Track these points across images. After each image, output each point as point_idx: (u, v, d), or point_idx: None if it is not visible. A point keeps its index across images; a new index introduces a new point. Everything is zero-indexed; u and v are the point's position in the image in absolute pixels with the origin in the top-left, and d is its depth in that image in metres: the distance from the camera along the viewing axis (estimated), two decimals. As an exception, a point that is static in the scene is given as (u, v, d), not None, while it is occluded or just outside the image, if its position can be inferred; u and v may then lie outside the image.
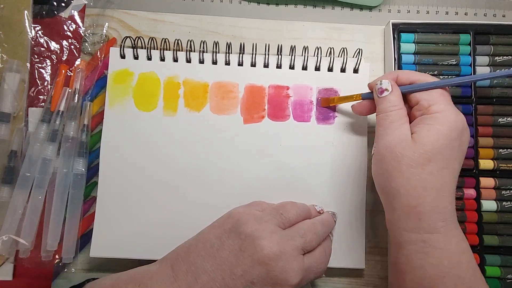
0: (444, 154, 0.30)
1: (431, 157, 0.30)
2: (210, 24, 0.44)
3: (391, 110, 0.33)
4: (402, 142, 0.31)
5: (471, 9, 0.46)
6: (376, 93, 0.34)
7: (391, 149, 0.31)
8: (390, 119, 0.32)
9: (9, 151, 0.39)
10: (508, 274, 0.39)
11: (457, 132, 0.31)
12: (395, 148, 0.31)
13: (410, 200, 0.30)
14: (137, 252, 0.38)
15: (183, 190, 0.39)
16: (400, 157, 0.30)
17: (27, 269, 0.39)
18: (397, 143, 0.31)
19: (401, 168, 0.30)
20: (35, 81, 0.42)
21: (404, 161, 0.30)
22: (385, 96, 0.33)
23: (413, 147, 0.30)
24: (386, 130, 0.32)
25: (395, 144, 0.31)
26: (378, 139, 0.33)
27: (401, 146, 0.31)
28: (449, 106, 0.32)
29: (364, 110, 0.37)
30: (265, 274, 0.29)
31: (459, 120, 0.31)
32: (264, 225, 0.32)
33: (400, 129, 0.32)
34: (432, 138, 0.30)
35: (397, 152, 0.31)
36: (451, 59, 0.41)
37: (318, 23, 0.45)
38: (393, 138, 0.31)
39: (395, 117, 0.32)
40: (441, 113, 0.31)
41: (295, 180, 0.40)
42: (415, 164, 0.30)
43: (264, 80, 0.41)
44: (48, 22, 0.43)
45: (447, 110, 0.31)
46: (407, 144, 0.31)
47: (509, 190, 0.40)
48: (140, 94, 0.40)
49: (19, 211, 0.38)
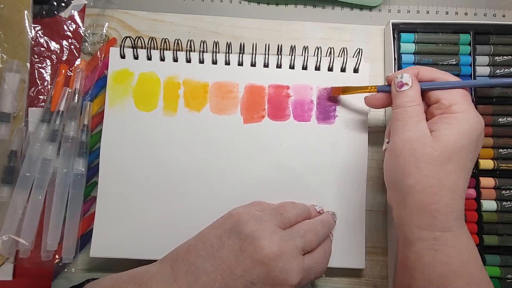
0: (463, 155, 0.30)
1: (451, 156, 0.30)
2: (210, 24, 0.44)
3: (410, 106, 0.32)
4: (422, 139, 0.30)
5: (471, 9, 0.46)
6: (395, 86, 0.33)
7: (410, 145, 0.31)
8: (408, 114, 0.32)
9: (9, 151, 0.39)
10: (508, 274, 0.39)
11: (477, 134, 0.31)
12: (414, 144, 0.30)
13: (425, 198, 0.30)
14: (137, 252, 0.38)
15: (183, 190, 0.39)
16: (420, 154, 0.30)
17: (27, 269, 0.39)
18: (416, 139, 0.31)
19: (419, 165, 0.30)
20: (35, 81, 0.42)
21: (423, 158, 0.30)
22: (404, 90, 0.33)
23: (434, 145, 0.30)
24: (404, 125, 0.32)
25: (414, 140, 0.31)
26: (395, 133, 0.32)
27: (421, 143, 0.30)
28: (471, 107, 0.31)
29: (378, 103, 0.36)
30: (265, 274, 0.29)
31: (479, 122, 0.31)
32: (264, 225, 0.32)
33: (419, 125, 0.31)
34: (454, 138, 0.30)
35: (416, 149, 0.30)
36: (451, 59, 0.41)
37: (318, 23, 0.45)
38: (412, 134, 0.31)
39: (413, 112, 0.32)
40: (462, 113, 0.31)
41: (295, 180, 0.40)
42: (434, 162, 0.30)
43: (264, 80, 0.41)
44: (48, 22, 0.43)
45: (469, 111, 0.31)
46: (427, 141, 0.30)
47: (509, 190, 0.40)
48: (140, 94, 0.40)
49: (19, 211, 0.38)
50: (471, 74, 0.41)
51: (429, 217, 0.30)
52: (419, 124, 0.31)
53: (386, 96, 0.36)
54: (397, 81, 0.33)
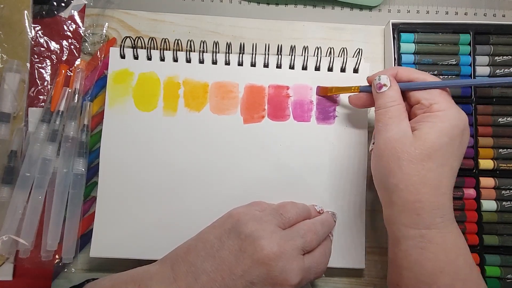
0: (445, 152, 0.30)
1: (431, 153, 0.30)
2: (210, 24, 0.44)
3: (391, 106, 0.33)
4: (403, 138, 0.31)
5: (471, 9, 0.46)
6: (375, 88, 0.34)
7: (391, 145, 0.31)
8: (389, 114, 0.32)
9: (9, 151, 0.39)
10: (508, 274, 0.39)
11: (459, 130, 0.31)
12: (395, 144, 0.31)
13: (409, 195, 0.31)
14: (137, 252, 0.38)
15: (183, 190, 0.39)
16: (400, 152, 0.31)
17: (27, 269, 0.39)
18: (397, 139, 0.31)
19: (401, 164, 0.31)
20: (35, 81, 0.42)
21: (404, 156, 0.30)
22: (383, 91, 0.33)
23: (414, 144, 0.30)
24: (386, 125, 0.32)
25: (395, 140, 0.31)
26: (378, 134, 0.33)
27: (402, 142, 0.31)
28: (451, 105, 0.32)
29: (360, 102, 0.37)
30: (265, 274, 0.29)
31: (461, 118, 0.31)
32: (264, 225, 0.32)
33: (400, 125, 0.32)
34: (434, 136, 0.30)
35: (397, 148, 0.31)
36: (451, 59, 0.41)
37: (318, 23, 0.45)
38: (393, 134, 0.32)
39: (394, 112, 0.32)
40: (443, 111, 0.31)
41: (295, 180, 0.40)
42: (415, 160, 0.30)
43: (264, 80, 0.41)
44: (48, 22, 0.43)
45: (449, 108, 0.31)
46: (408, 140, 0.31)
47: (509, 190, 0.40)
48: (140, 94, 0.40)
49: (19, 211, 0.38)
50: (471, 74, 0.41)
51: (414, 215, 0.31)
52: (400, 124, 0.32)
53: (368, 96, 0.36)
54: (375, 83, 0.34)
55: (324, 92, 0.40)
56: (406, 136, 0.31)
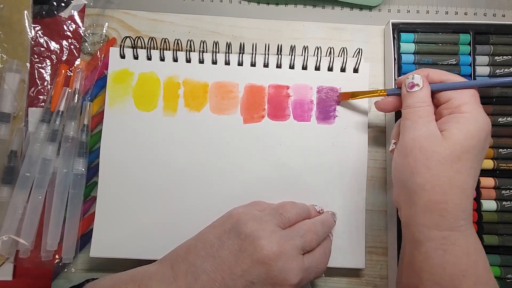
0: (472, 154, 0.30)
1: (460, 155, 0.30)
2: (210, 24, 0.44)
3: (420, 106, 0.32)
4: (432, 138, 0.31)
5: (471, 9, 0.46)
6: (406, 87, 0.34)
7: (420, 143, 0.31)
8: (419, 114, 0.32)
9: (9, 151, 0.39)
10: (508, 274, 0.39)
11: (485, 134, 0.31)
12: (424, 143, 0.30)
13: (434, 196, 0.30)
14: (137, 252, 0.38)
15: (183, 190, 0.39)
16: (430, 152, 0.30)
17: (27, 269, 0.39)
18: (426, 137, 0.31)
19: (429, 164, 0.30)
20: (35, 81, 0.42)
21: (433, 156, 0.30)
22: (415, 91, 0.33)
23: (444, 144, 0.30)
24: (414, 124, 0.32)
25: (424, 139, 0.31)
26: (405, 132, 0.32)
27: (431, 141, 0.30)
28: (479, 108, 0.32)
29: (389, 107, 0.37)
30: (265, 274, 0.29)
31: (487, 122, 0.31)
32: (264, 225, 0.32)
33: (429, 125, 0.31)
34: (463, 137, 0.30)
35: (426, 147, 0.30)
36: (451, 59, 0.41)
37: (318, 23, 0.45)
38: (422, 133, 0.31)
39: (423, 112, 0.32)
40: (471, 113, 0.31)
41: (295, 180, 0.40)
42: (444, 160, 0.30)
43: (264, 80, 0.41)
44: (48, 22, 0.43)
45: (477, 111, 0.31)
46: (437, 140, 0.30)
47: (509, 190, 0.40)
48: (140, 94, 0.40)
49: (19, 211, 0.38)
50: (471, 74, 0.41)
51: (438, 216, 0.30)
52: (429, 123, 0.31)
53: (396, 100, 0.36)
54: (408, 81, 0.34)
55: (347, 97, 0.40)
56: (435, 136, 0.31)
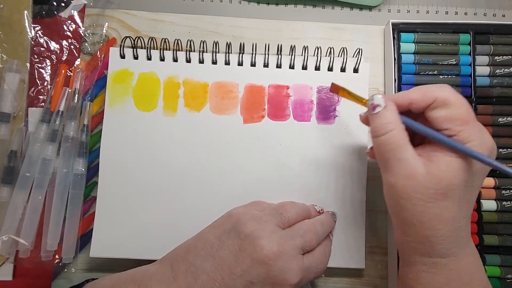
0: (463, 188, 0.28)
1: (447, 192, 0.28)
2: (210, 24, 0.44)
3: (389, 129, 0.29)
4: (412, 177, 0.28)
5: (471, 9, 0.46)
6: (369, 111, 0.30)
7: (401, 185, 0.28)
8: (389, 146, 0.29)
9: (9, 151, 0.39)
10: (508, 274, 0.39)
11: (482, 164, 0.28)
12: (405, 184, 0.28)
13: (423, 231, 0.29)
14: (137, 252, 0.38)
15: (183, 190, 0.39)
16: (412, 192, 0.28)
17: (27, 269, 0.39)
18: (407, 177, 0.28)
19: (413, 202, 0.28)
20: (35, 81, 0.42)
21: (416, 196, 0.28)
22: (378, 111, 0.30)
23: (427, 182, 0.27)
24: (389, 162, 0.29)
25: (404, 179, 0.28)
26: (382, 169, 0.30)
27: (412, 181, 0.28)
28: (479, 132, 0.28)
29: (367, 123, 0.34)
30: (265, 273, 0.29)
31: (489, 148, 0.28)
32: (264, 225, 0.32)
33: (405, 158, 0.28)
34: (452, 174, 0.27)
35: (408, 188, 0.28)
36: (451, 59, 0.41)
37: (318, 23, 0.45)
38: (399, 172, 0.28)
39: (393, 141, 0.28)
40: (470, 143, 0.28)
41: (295, 180, 0.40)
42: (428, 199, 0.28)
43: (264, 80, 0.41)
44: (48, 22, 0.43)
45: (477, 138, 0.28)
46: (419, 178, 0.28)
47: (509, 190, 0.40)
48: (140, 94, 0.40)
49: (19, 211, 0.38)
50: (471, 74, 0.41)
51: (429, 246, 0.29)
52: (404, 155, 0.28)
53: None
54: (369, 103, 0.31)
55: (336, 90, 0.39)
56: (415, 173, 0.28)
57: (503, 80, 0.41)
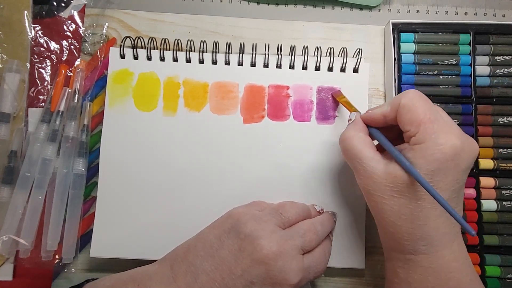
0: (419, 187, 0.29)
1: (402, 189, 0.29)
2: (210, 24, 0.44)
3: (349, 136, 0.33)
4: (371, 176, 0.31)
5: (471, 9, 0.46)
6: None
7: (364, 183, 0.31)
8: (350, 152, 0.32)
9: (9, 151, 0.39)
10: (508, 274, 0.39)
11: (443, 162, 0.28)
12: (366, 183, 0.31)
13: (387, 227, 0.31)
14: (137, 252, 0.38)
15: (183, 190, 0.39)
16: (372, 190, 0.31)
17: (27, 269, 0.39)
18: (366, 177, 0.31)
19: (375, 199, 0.31)
20: (35, 81, 0.42)
21: (376, 193, 0.31)
22: (348, 125, 0.35)
23: (384, 181, 0.30)
24: (353, 165, 0.32)
25: (365, 178, 0.31)
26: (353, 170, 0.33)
27: (370, 180, 0.31)
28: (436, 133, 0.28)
29: None
30: (265, 273, 0.29)
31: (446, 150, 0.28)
32: (264, 224, 0.32)
33: (365, 161, 0.31)
34: (404, 172, 0.29)
35: (369, 186, 0.31)
36: (451, 59, 0.41)
37: (318, 23, 0.45)
38: (361, 173, 0.31)
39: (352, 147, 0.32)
40: (420, 145, 0.29)
41: (295, 180, 0.40)
42: (386, 196, 0.30)
43: (264, 80, 0.41)
44: (48, 22, 0.43)
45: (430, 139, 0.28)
46: (377, 177, 0.30)
47: (509, 190, 0.40)
48: (140, 94, 0.40)
49: (19, 211, 0.38)
50: (471, 74, 0.41)
51: (396, 243, 0.31)
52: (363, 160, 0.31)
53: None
54: (348, 119, 0.36)
55: (336, 96, 0.40)
56: (374, 171, 0.30)
57: (503, 80, 0.41)
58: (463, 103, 0.41)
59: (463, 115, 0.41)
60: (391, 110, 0.31)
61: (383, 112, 0.32)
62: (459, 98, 0.41)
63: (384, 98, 0.43)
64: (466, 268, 0.30)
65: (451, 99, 0.41)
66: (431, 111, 0.30)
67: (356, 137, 0.32)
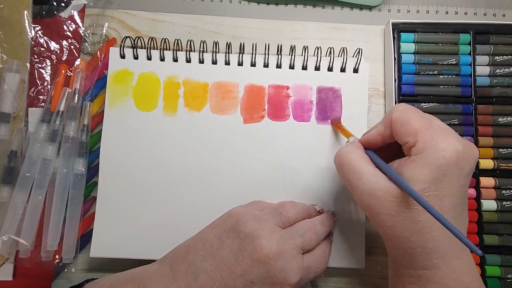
0: (426, 197, 0.28)
1: (411, 202, 0.28)
2: (210, 24, 0.44)
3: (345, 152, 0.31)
4: (375, 191, 0.29)
5: (471, 9, 0.46)
6: None
7: (367, 202, 0.29)
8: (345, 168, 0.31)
9: (9, 151, 0.39)
10: (508, 274, 0.39)
11: (444, 170, 0.27)
12: (370, 200, 0.29)
13: (398, 243, 0.29)
14: (137, 252, 0.38)
15: (183, 190, 0.39)
16: (378, 208, 0.29)
17: (27, 269, 0.39)
18: (369, 193, 0.29)
19: (383, 218, 0.29)
20: (35, 81, 0.42)
21: (382, 211, 0.29)
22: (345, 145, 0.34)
23: (389, 195, 0.28)
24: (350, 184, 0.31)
25: (367, 195, 0.29)
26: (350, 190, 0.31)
27: (375, 197, 0.29)
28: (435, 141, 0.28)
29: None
30: (265, 273, 0.29)
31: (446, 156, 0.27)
32: (264, 224, 0.32)
33: (365, 175, 0.29)
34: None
35: (374, 204, 0.29)
36: (451, 59, 0.41)
37: (318, 23, 0.45)
38: (364, 188, 0.29)
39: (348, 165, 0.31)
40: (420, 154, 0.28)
41: (295, 180, 0.40)
42: (394, 213, 0.28)
43: (264, 80, 0.41)
44: (48, 22, 0.43)
45: (430, 147, 0.28)
46: (382, 192, 0.29)
47: (509, 190, 0.40)
48: (140, 94, 0.40)
49: (19, 211, 0.38)
50: (471, 73, 0.41)
51: (409, 259, 0.29)
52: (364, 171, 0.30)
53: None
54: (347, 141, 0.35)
55: (334, 123, 0.40)
56: (377, 186, 0.29)
57: (503, 80, 0.41)
58: (463, 103, 0.41)
59: (463, 115, 0.41)
60: (385, 128, 0.31)
61: (378, 131, 0.32)
62: (459, 98, 0.41)
63: (384, 98, 0.43)
64: (475, 282, 0.29)
65: (451, 99, 0.41)
66: (424, 119, 0.29)
67: (353, 152, 0.31)
